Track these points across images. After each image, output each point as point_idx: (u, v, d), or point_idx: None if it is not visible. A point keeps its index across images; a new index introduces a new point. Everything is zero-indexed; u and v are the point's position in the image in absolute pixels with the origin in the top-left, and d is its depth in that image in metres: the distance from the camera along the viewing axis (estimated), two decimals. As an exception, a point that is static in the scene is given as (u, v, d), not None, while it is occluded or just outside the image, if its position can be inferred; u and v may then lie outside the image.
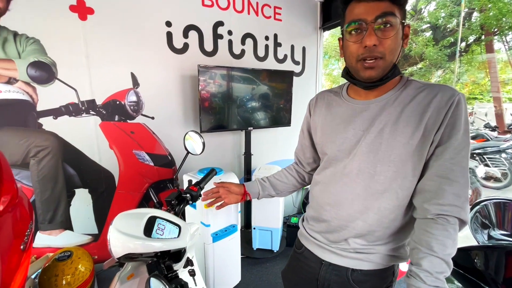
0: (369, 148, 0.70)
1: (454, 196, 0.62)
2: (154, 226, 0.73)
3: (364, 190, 0.72)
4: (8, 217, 0.83)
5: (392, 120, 0.68)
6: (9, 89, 1.50)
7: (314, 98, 0.91)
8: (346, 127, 0.75)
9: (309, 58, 2.68)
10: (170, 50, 1.94)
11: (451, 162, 0.63)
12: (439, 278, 0.59)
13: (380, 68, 0.65)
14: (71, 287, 1.14)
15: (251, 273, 2.04)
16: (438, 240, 0.61)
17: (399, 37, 0.64)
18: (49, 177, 1.66)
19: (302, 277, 0.88)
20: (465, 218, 0.63)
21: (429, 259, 0.61)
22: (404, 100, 0.68)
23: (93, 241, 1.87)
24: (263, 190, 1.01)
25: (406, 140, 0.66)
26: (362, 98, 0.75)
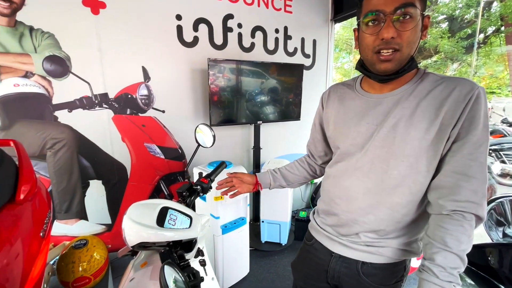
0: (383, 142, 0.69)
1: (471, 192, 0.61)
2: (166, 216, 0.75)
3: (376, 185, 0.71)
4: (28, 206, 0.86)
5: (407, 114, 0.66)
6: (26, 82, 1.55)
7: (326, 91, 0.90)
8: (360, 121, 0.74)
9: (320, 51, 2.63)
10: (180, 44, 1.94)
11: (469, 158, 0.61)
12: (452, 273, 0.59)
13: (396, 61, 0.63)
14: (87, 274, 1.18)
15: (259, 265, 2.07)
16: (453, 235, 0.60)
17: (419, 29, 0.62)
18: (64, 168, 1.72)
19: (312, 268, 0.89)
20: (481, 214, 0.61)
21: (443, 254, 0.60)
22: (420, 94, 0.66)
23: (107, 231, 1.93)
24: (274, 181, 1.02)
25: (421, 135, 0.64)
26: (376, 92, 0.74)
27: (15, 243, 0.76)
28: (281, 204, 2.17)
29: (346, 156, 0.78)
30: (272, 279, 1.93)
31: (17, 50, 1.50)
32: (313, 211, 0.96)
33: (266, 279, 1.92)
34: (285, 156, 2.65)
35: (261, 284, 1.87)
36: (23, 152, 0.94)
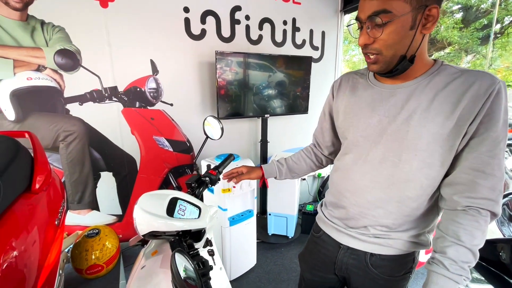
0: (395, 136, 0.68)
1: (488, 189, 0.60)
2: (176, 206, 0.77)
3: (387, 178, 0.70)
4: (44, 195, 0.90)
5: (422, 107, 0.64)
6: (39, 76, 1.58)
7: (338, 79, 0.88)
8: (371, 113, 0.73)
9: (329, 43, 2.59)
10: (188, 37, 1.94)
11: (488, 155, 0.60)
12: (463, 267, 0.59)
13: (381, 63, 0.65)
14: (99, 262, 1.22)
15: (266, 257, 2.09)
16: (467, 230, 0.60)
17: (404, 29, 0.60)
18: (76, 160, 1.76)
19: (320, 260, 0.90)
20: (497, 211, 0.61)
21: (455, 248, 0.60)
22: (436, 86, 0.64)
23: (118, 221, 1.99)
24: (280, 175, 1.02)
25: (436, 129, 0.63)
26: (390, 83, 0.72)
27: (32, 231, 0.79)
28: (288, 197, 2.18)
29: (355, 148, 0.77)
30: (279, 271, 1.95)
31: (30, 44, 1.53)
32: (321, 203, 0.96)
33: (273, 271, 1.95)
34: (292, 149, 2.64)
35: (268, 276, 1.90)
36: (38, 144, 0.96)
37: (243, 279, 1.86)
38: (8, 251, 0.67)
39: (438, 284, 0.60)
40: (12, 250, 0.69)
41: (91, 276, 1.24)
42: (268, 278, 1.88)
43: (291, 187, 2.14)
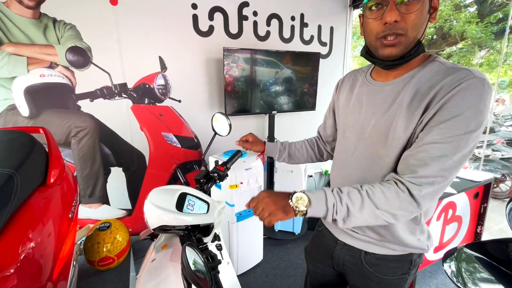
0: (375, 131, 0.68)
1: (419, 175, 0.58)
2: (185, 201, 0.78)
3: (373, 174, 0.71)
4: (58, 189, 0.92)
5: (399, 102, 0.64)
6: (51, 73, 1.62)
7: (342, 77, 0.90)
8: (360, 110, 0.74)
9: (337, 38, 2.55)
10: (195, 33, 1.95)
11: (431, 146, 0.57)
12: (342, 201, 0.60)
13: (401, 45, 0.60)
14: (111, 254, 1.26)
15: (272, 253, 2.11)
16: (374, 187, 0.61)
17: (425, 11, 0.58)
18: (88, 155, 1.80)
19: (321, 253, 0.92)
20: (416, 195, 0.58)
21: (351, 189, 0.62)
22: (418, 82, 0.62)
23: (127, 215, 2.03)
24: (279, 157, 1.04)
25: (405, 124, 0.62)
26: (382, 79, 0.71)
27: (47, 223, 0.82)
28: (295, 194, 2.18)
29: (346, 145, 0.79)
30: (285, 266, 1.97)
31: (42, 41, 1.56)
32: None
33: (279, 267, 1.96)
34: (299, 146, 2.64)
35: (274, 271, 1.92)
36: (52, 139, 0.99)
37: (250, 274, 1.88)
38: (26, 242, 0.70)
39: (314, 192, 0.63)
40: (29, 242, 0.72)
41: (103, 268, 1.28)
42: (274, 273, 1.90)
43: (298, 184, 2.14)
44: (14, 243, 0.67)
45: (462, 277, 1.10)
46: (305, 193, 0.62)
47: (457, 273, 1.13)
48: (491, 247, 1.21)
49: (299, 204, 0.61)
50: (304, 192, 0.63)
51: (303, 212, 0.61)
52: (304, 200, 0.61)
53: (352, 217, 0.60)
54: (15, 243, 0.67)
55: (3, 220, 0.66)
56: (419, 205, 0.59)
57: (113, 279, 1.26)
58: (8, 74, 1.51)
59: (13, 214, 0.69)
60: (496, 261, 1.16)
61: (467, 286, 1.03)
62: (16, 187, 0.71)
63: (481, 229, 1.96)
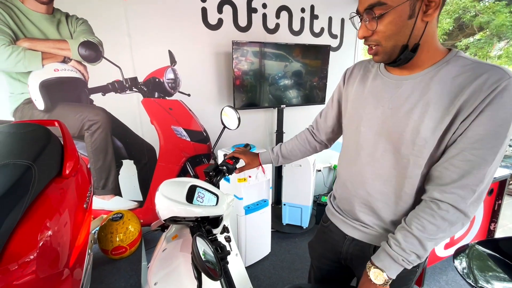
0: (396, 128, 0.67)
1: (459, 186, 0.59)
2: (195, 194, 0.80)
3: (388, 171, 0.70)
4: (73, 180, 0.96)
5: (424, 101, 0.62)
6: (65, 67, 1.66)
7: (351, 67, 0.87)
8: (376, 103, 0.72)
9: (348, 31, 2.50)
10: (204, 26, 1.94)
11: (472, 153, 0.57)
12: (405, 251, 0.63)
13: (381, 54, 0.64)
14: (123, 244, 1.30)
15: (280, 246, 2.13)
16: (420, 221, 0.62)
17: (403, 18, 0.58)
18: (100, 148, 1.85)
19: (327, 249, 0.92)
20: (463, 208, 0.59)
21: (403, 233, 0.64)
22: (442, 79, 0.61)
23: (139, 207, 2.08)
24: (276, 163, 1.07)
25: (434, 125, 0.60)
26: (397, 73, 0.70)
27: (64, 213, 0.85)
28: (303, 188, 2.18)
29: (358, 139, 0.77)
30: (293, 259, 1.98)
31: (56, 36, 1.60)
32: (330, 194, 0.98)
33: (287, 260, 1.98)
34: (308, 140, 2.62)
35: (282, 264, 1.94)
36: (67, 132, 1.02)
37: (257, 266, 1.91)
38: (44, 231, 0.73)
39: (379, 257, 0.67)
40: (47, 230, 0.75)
41: (116, 256, 1.32)
42: (282, 266, 1.92)
43: (306, 178, 2.14)
44: (33, 231, 0.70)
45: (473, 274, 1.08)
46: (374, 265, 0.67)
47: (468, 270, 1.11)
48: (504, 244, 1.18)
49: (378, 279, 0.66)
50: (373, 265, 0.67)
51: (386, 280, 0.65)
52: (379, 273, 0.66)
53: (421, 257, 0.64)
54: (34, 231, 0.71)
55: (22, 208, 0.69)
56: (467, 215, 0.60)
57: (125, 267, 1.31)
58: (24, 69, 1.56)
59: (32, 203, 0.73)
60: (509, 259, 1.13)
61: (478, 284, 1.01)
62: (34, 177, 0.74)
63: (494, 226, 1.91)
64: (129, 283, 1.24)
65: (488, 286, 1.01)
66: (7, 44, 1.49)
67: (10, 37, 1.49)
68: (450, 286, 1.74)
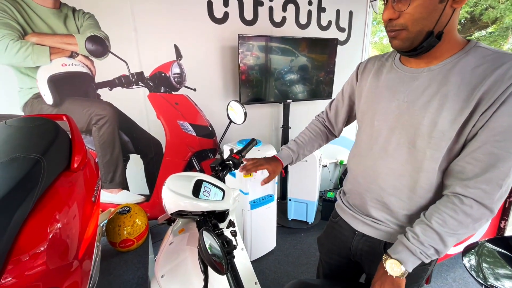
0: (411, 121, 0.65)
1: (483, 180, 0.57)
2: (201, 188, 0.80)
3: (401, 166, 0.69)
4: (81, 174, 0.97)
5: (443, 93, 0.60)
6: (72, 62, 1.67)
7: (364, 62, 0.85)
8: (391, 97, 0.70)
9: (356, 24, 2.44)
10: (210, 20, 1.92)
11: (495, 146, 0.55)
12: (424, 244, 0.61)
13: (403, 39, 0.60)
14: (131, 237, 1.32)
15: (285, 241, 2.13)
16: (441, 215, 0.61)
17: (434, 1, 0.55)
18: (108, 142, 1.87)
19: (336, 244, 0.92)
20: (488, 203, 0.57)
21: (423, 227, 0.62)
22: (461, 70, 0.59)
23: (146, 201, 2.11)
24: (295, 161, 1.04)
25: (453, 117, 0.58)
26: (413, 66, 0.68)
27: (72, 206, 0.86)
28: (309, 183, 2.17)
29: (371, 133, 0.75)
30: (298, 254, 1.99)
31: (63, 31, 1.60)
32: (340, 190, 0.97)
33: (292, 254, 1.99)
34: (314, 136, 2.60)
35: (287, 259, 1.95)
36: (74, 126, 1.03)
37: (263, 260, 1.92)
38: (53, 223, 0.74)
39: (396, 249, 0.65)
40: (57, 223, 0.76)
41: (123, 249, 1.34)
42: (287, 260, 1.93)
43: (312, 174, 2.12)
44: (43, 223, 0.71)
45: (482, 272, 1.06)
46: (390, 257, 0.65)
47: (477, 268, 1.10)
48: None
49: (394, 271, 0.64)
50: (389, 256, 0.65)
51: (403, 272, 0.63)
52: (396, 265, 0.64)
53: (440, 252, 0.62)
54: (44, 223, 0.72)
55: (32, 201, 0.70)
56: (492, 211, 0.59)
57: (133, 259, 1.33)
58: (33, 63, 1.57)
59: (41, 196, 0.74)
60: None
61: (488, 281, 0.99)
62: (43, 171, 0.75)
63: (505, 224, 1.87)
64: (136, 275, 1.26)
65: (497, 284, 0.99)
66: (16, 39, 1.50)
67: (18, 32, 1.50)
68: (458, 283, 1.72)
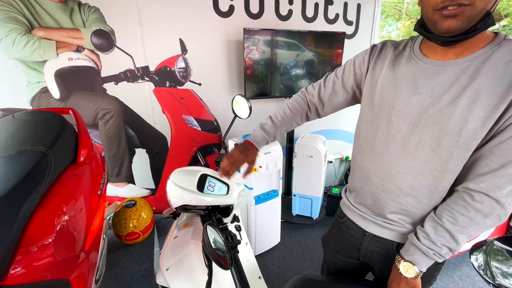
0: (437, 118, 0.60)
1: (497, 175, 0.55)
2: (205, 183, 0.80)
3: (422, 165, 0.65)
4: (87, 167, 0.98)
5: (473, 88, 0.55)
6: (78, 56, 1.67)
7: (378, 45, 0.76)
8: (412, 91, 0.64)
9: (364, 17, 2.39)
10: (215, 14, 1.90)
11: None
12: (436, 243, 0.60)
13: (465, 17, 0.51)
14: (136, 230, 1.34)
15: (290, 236, 2.14)
16: (451, 213, 0.60)
17: None
18: (114, 137, 1.88)
19: (343, 245, 0.88)
20: (498, 198, 0.55)
21: (433, 225, 0.61)
22: (494, 64, 0.54)
23: (151, 195, 2.13)
24: (269, 141, 0.92)
25: (486, 114, 0.54)
26: (438, 57, 0.62)
27: (79, 199, 0.87)
28: (314, 179, 2.16)
29: (387, 129, 0.70)
30: (302, 250, 1.99)
31: (69, 25, 1.61)
32: (345, 188, 0.92)
33: (296, 250, 1.99)
34: (320, 131, 2.58)
35: (291, 254, 1.95)
36: (81, 120, 1.04)
37: (267, 255, 1.93)
38: (60, 215, 0.75)
39: (408, 251, 0.65)
40: (64, 215, 0.77)
41: (129, 242, 1.36)
42: (291, 256, 1.93)
43: (317, 170, 2.11)
44: (50, 215, 0.72)
45: (490, 271, 1.05)
46: (404, 259, 0.65)
47: (485, 266, 1.08)
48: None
49: (409, 273, 0.64)
50: (402, 259, 0.65)
51: (418, 273, 0.63)
52: (410, 266, 0.64)
53: (454, 250, 0.61)
54: (51, 215, 0.73)
55: (40, 193, 0.71)
56: (502, 205, 0.57)
57: (139, 252, 1.35)
58: (40, 58, 1.58)
59: (48, 189, 0.74)
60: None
61: (496, 280, 0.98)
62: (50, 164, 0.76)
63: (514, 222, 1.84)
64: (142, 267, 1.28)
65: (506, 283, 0.97)
66: (23, 33, 1.51)
67: (25, 26, 1.51)
68: (464, 281, 1.70)
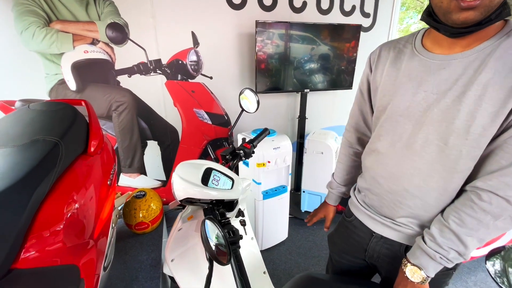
0: (443, 115, 0.57)
1: (507, 172, 0.51)
2: (210, 176, 0.79)
3: (430, 165, 0.62)
4: (98, 158, 1.00)
5: (481, 82, 0.52)
6: (94, 49, 1.71)
7: (376, 50, 0.75)
8: (416, 88, 0.62)
9: (383, 9, 2.29)
10: (228, 6, 1.88)
11: None
12: (442, 247, 0.58)
13: (483, 8, 0.47)
14: (146, 220, 1.37)
15: (297, 232, 2.12)
16: (458, 214, 0.57)
17: None
18: (127, 128, 1.93)
19: (350, 244, 0.87)
20: (508, 197, 0.52)
21: (439, 227, 0.59)
22: (503, 54, 0.50)
23: (162, 186, 2.17)
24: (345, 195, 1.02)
25: (495, 109, 0.51)
26: (443, 51, 0.59)
27: (89, 188, 0.90)
28: (324, 176, 2.12)
29: (393, 129, 0.67)
30: (310, 246, 1.98)
31: (85, 18, 1.64)
32: (354, 187, 0.91)
33: (304, 246, 1.98)
34: (332, 127, 2.52)
35: (299, 250, 1.94)
36: (92, 111, 1.06)
37: (273, 250, 1.93)
38: (71, 203, 0.78)
39: (414, 254, 0.63)
40: (74, 203, 0.80)
41: (139, 231, 1.40)
42: (298, 252, 1.92)
43: (327, 166, 2.07)
44: (61, 203, 0.75)
45: (507, 278, 1.00)
46: (411, 264, 0.63)
47: (502, 273, 1.03)
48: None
49: (415, 277, 0.62)
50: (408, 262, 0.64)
51: (425, 278, 0.61)
52: (416, 271, 0.62)
53: (463, 254, 0.58)
54: (62, 203, 0.75)
55: (51, 181, 0.74)
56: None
57: (147, 242, 1.39)
58: (57, 50, 1.63)
59: (59, 178, 0.77)
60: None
61: (512, 289, 0.93)
62: (61, 153, 0.79)
63: (537, 228, 1.73)
64: (150, 256, 1.31)
65: (524, 293, 0.92)
66: (42, 26, 1.56)
67: (44, 20, 1.56)
68: (478, 287, 1.63)
